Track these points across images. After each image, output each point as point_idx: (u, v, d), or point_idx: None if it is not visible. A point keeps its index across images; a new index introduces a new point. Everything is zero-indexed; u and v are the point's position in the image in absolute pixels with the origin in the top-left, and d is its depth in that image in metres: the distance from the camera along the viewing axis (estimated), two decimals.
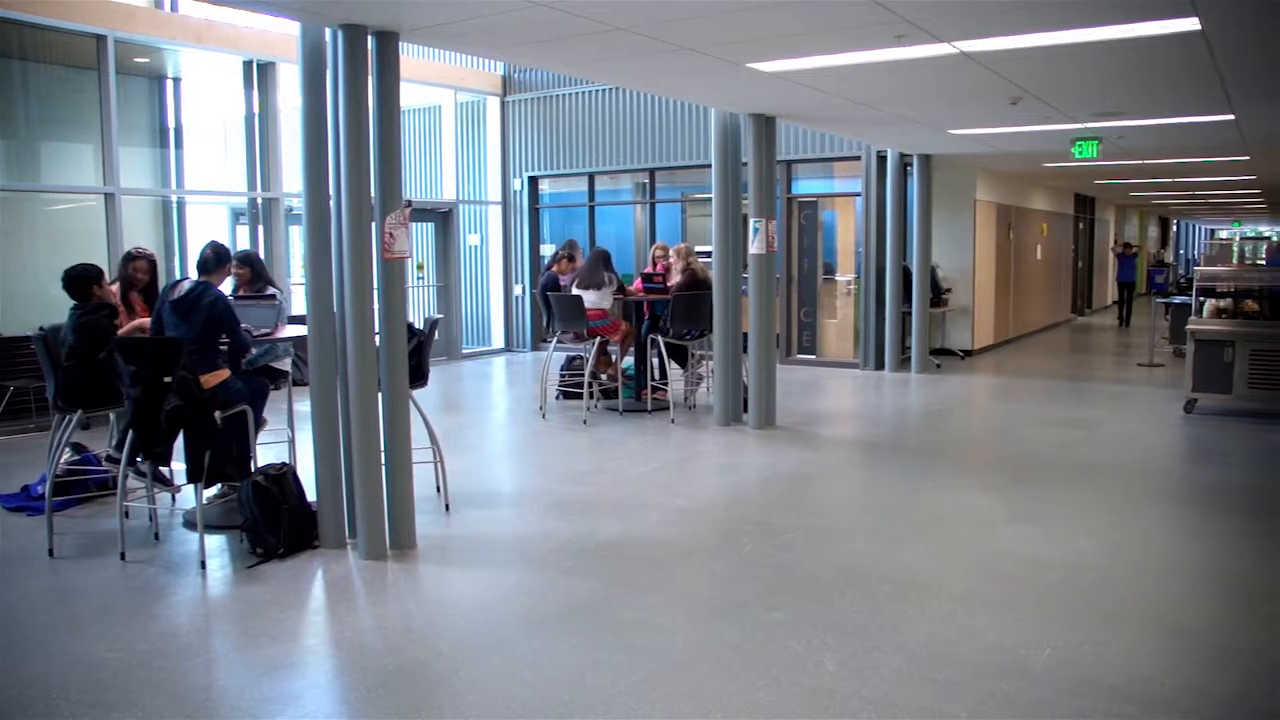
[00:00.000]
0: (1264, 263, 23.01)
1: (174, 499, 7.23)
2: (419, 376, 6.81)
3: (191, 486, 6.20)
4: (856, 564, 5.81)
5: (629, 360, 11.08)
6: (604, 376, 10.99)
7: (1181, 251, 42.24)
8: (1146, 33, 6.17)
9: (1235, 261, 21.46)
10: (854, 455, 9.09)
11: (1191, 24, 5.93)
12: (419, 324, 7.41)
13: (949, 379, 13.42)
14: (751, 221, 9.83)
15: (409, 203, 14.37)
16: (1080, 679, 4.26)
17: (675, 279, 10.80)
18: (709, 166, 10.19)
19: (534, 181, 17.07)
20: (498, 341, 17.30)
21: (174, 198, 12.69)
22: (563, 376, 11.57)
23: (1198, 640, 4.78)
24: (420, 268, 16.03)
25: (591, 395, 10.69)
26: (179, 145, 12.78)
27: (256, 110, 12.72)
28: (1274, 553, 6.08)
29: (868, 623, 4.89)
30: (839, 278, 15.22)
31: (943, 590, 5.38)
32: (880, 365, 14.18)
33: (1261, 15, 5.86)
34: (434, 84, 15.72)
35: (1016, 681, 4.22)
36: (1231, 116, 9.74)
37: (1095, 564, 5.83)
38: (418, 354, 6.74)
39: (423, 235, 16.14)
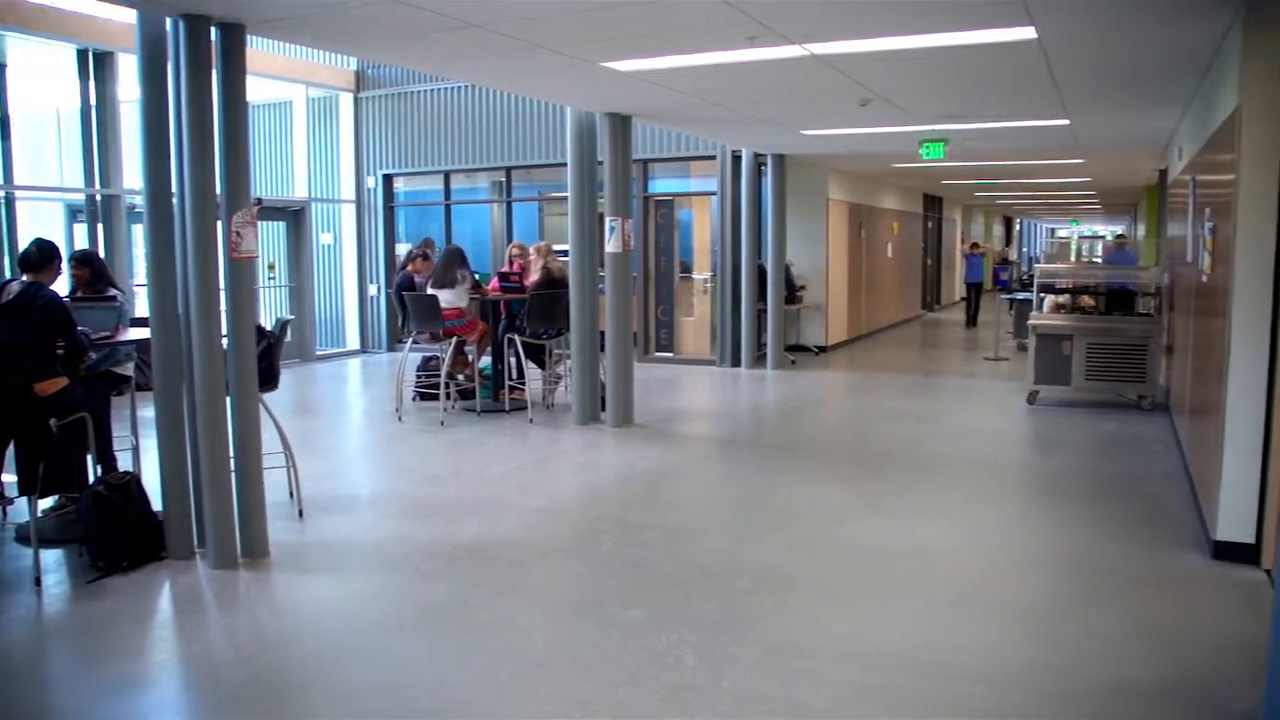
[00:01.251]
0: (1100, 261, 24.06)
1: (4, 512, 6.86)
2: (269, 379, 6.62)
3: (25, 499, 5.89)
4: (714, 560, 5.88)
5: (486, 360, 10.98)
6: (461, 377, 10.86)
7: (1025, 249, 43.90)
8: (986, 40, 6.39)
9: (1073, 259, 22.40)
10: (711, 452, 9.19)
11: (1028, 33, 6.17)
12: (269, 325, 7.21)
13: (804, 375, 13.69)
14: (608, 220, 9.85)
15: (258, 201, 13.99)
16: (932, 663, 4.40)
17: (534, 277, 10.75)
18: (566, 165, 10.16)
19: (389, 180, 16.79)
20: (353, 343, 16.95)
21: (0, 193, 12.05)
22: (419, 377, 11.41)
23: (1040, 620, 5.01)
24: (271, 268, 15.60)
25: (449, 396, 10.57)
26: (5, 137, 12.13)
27: (94, 102, 12.17)
28: (1109, 534, 6.36)
29: (726, 617, 4.94)
30: (696, 276, 15.37)
31: (799, 583, 5.48)
32: (737, 362, 14.37)
33: (1092, 26, 6.13)
34: (284, 79, 15.30)
35: (871, 669, 4.33)
36: (1067, 121, 10.17)
37: (945, 552, 6.02)
38: (268, 356, 6.55)
39: (273, 234, 15.70)
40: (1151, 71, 7.61)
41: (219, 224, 5.75)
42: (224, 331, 5.82)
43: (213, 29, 5.68)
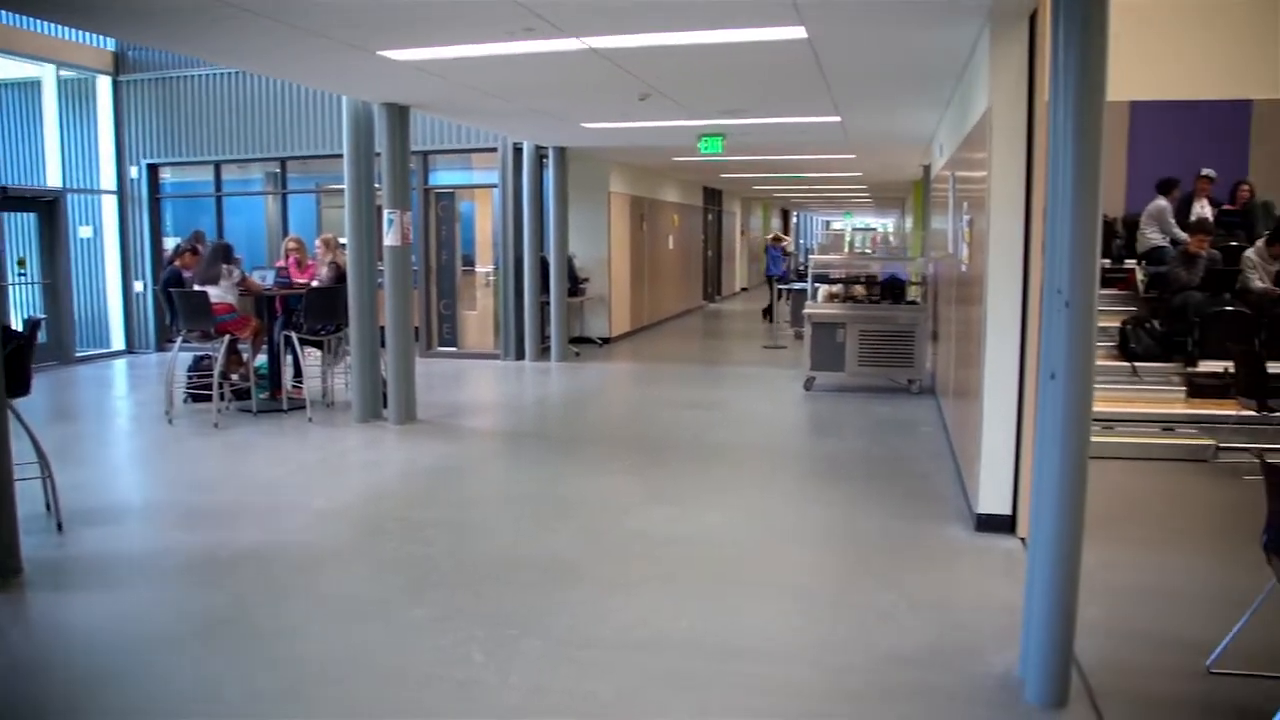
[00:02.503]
0: (871, 252, 25.07)
1: None
2: (20, 384, 6.15)
3: None
4: (501, 554, 5.83)
5: (262, 358, 10.56)
6: (235, 376, 10.40)
7: (802, 241, 45.43)
8: (759, 38, 6.54)
9: (847, 251, 23.28)
10: (496, 446, 9.12)
11: (798, 32, 6.35)
12: (18, 326, 6.70)
13: (588, 367, 13.76)
14: (386, 213, 9.62)
15: (2, 189, 13.04)
16: (717, 645, 4.49)
17: (322, 271, 10.43)
18: (342, 156, 9.85)
19: (154, 169, 15.89)
20: (118, 342, 15.97)
21: None
22: (190, 378, 10.86)
23: (820, 597, 5.18)
24: (21, 263, 14.51)
25: (223, 397, 10.09)
26: None
27: None
28: (882, 512, 6.64)
29: (513, 611, 4.90)
30: (478, 269, 15.21)
31: (585, 573, 5.49)
32: (521, 355, 14.31)
33: (858, 29, 6.37)
34: (29, 57, 14.22)
35: (659, 654, 4.38)
36: (838, 118, 10.55)
37: (728, 536, 6.16)
38: (18, 359, 6.09)
39: (23, 226, 14.60)
40: (914, 73, 7.98)
41: None
42: None
43: None
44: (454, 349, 14.85)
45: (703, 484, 7.45)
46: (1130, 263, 11.03)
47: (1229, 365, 8.78)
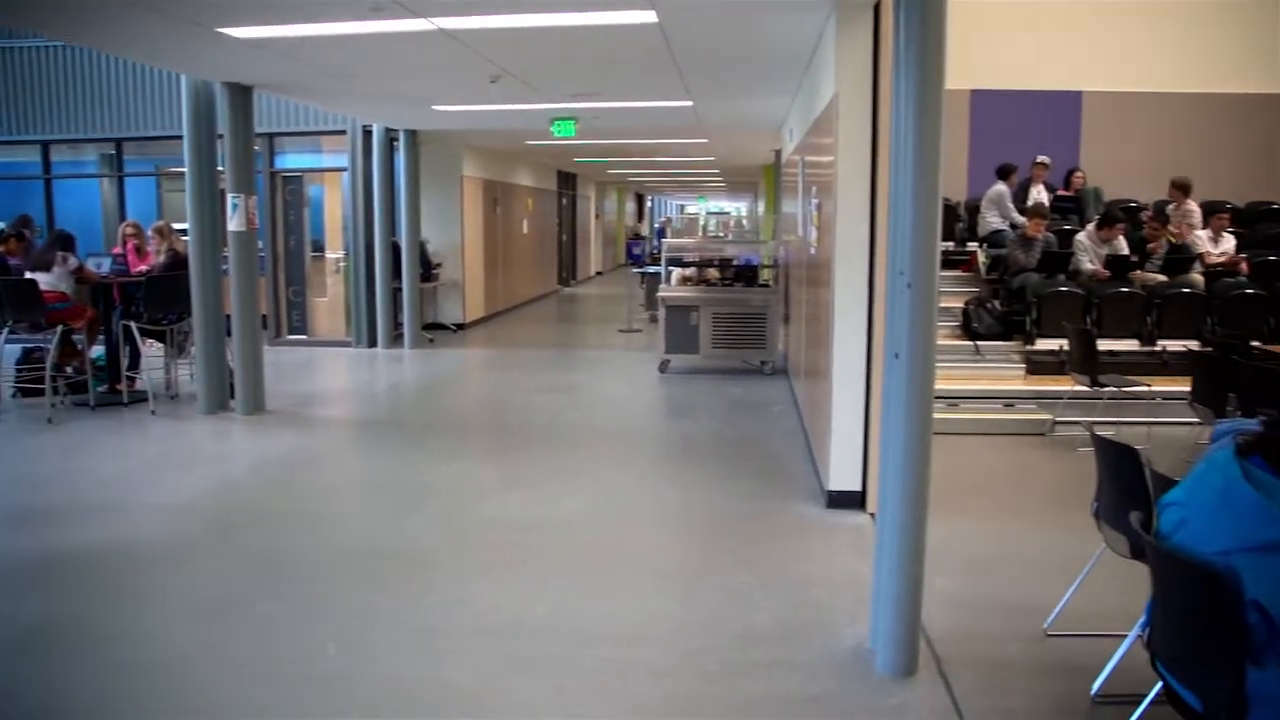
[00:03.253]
0: (724, 236, 25.39)
1: None
2: None
3: None
4: (355, 544, 5.72)
5: (99, 349, 10.11)
6: (70, 369, 9.94)
7: (656, 225, 45.70)
8: (610, 21, 6.53)
9: (701, 235, 23.53)
10: (348, 435, 8.95)
11: (649, 16, 6.37)
12: None
13: (442, 353, 13.60)
14: (230, 197, 9.30)
15: None
16: (575, 629, 4.50)
17: (159, 259, 10.03)
18: (183, 138, 9.47)
19: None
20: None
21: None
22: (19, 371, 10.31)
23: (677, 578, 5.26)
24: None
25: (56, 391, 9.62)
26: None
27: None
28: (737, 492, 6.75)
29: (368, 602, 4.82)
30: (329, 255, 14.87)
31: (441, 561, 5.44)
32: (373, 342, 14.04)
33: (709, 12, 6.42)
34: None
35: (515, 640, 4.37)
36: (690, 103, 10.63)
37: (585, 520, 6.17)
38: None
39: None
40: (764, 59, 8.09)
41: None
42: None
43: None
44: (304, 337, 14.49)
45: (559, 468, 7.44)
46: (972, 245, 11.44)
47: (1064, 343, 9.20)
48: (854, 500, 6.22)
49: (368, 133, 13.70)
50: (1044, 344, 9.63)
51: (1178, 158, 11.79)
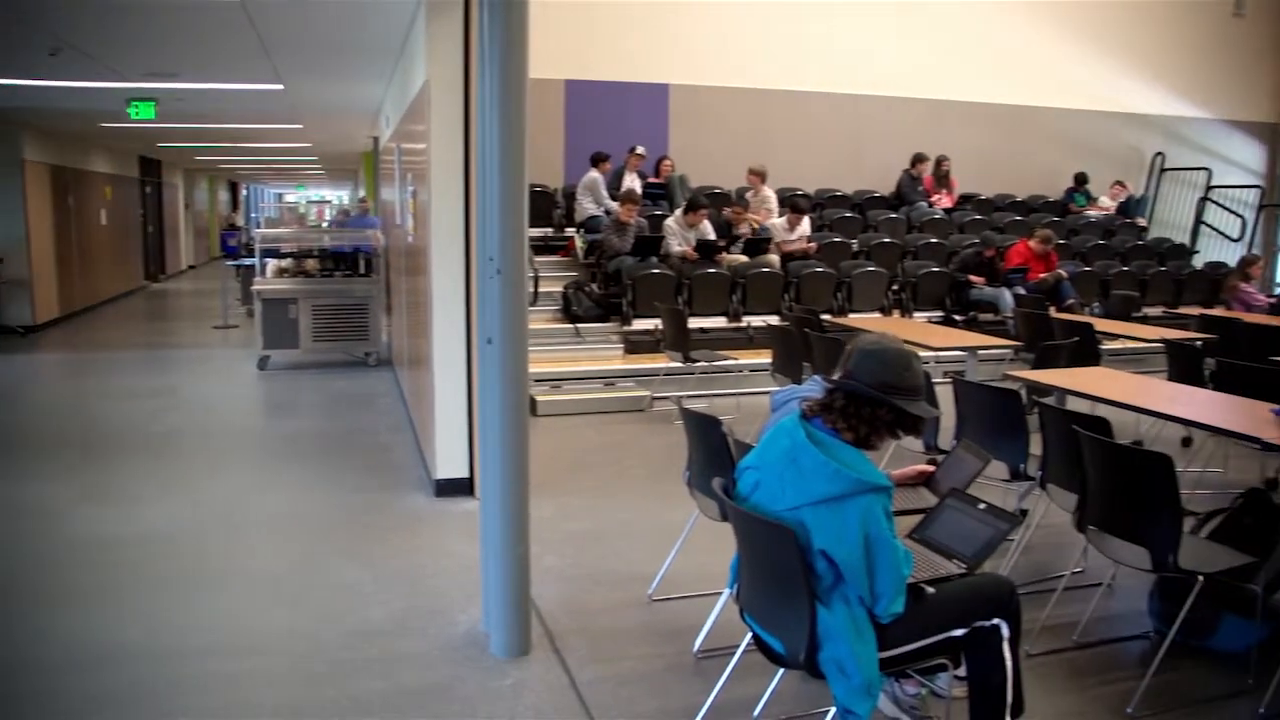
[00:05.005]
0: (322, 225, 24.67)
1: None
2: None
3: None
4: None
5: None
6: None
7: (254, 215, 43.60)
8: None
9: (300, 224, 22.71)
10: None
11: None
12: None
13: (9, 360, 12.28)
14: None
15: None
16: (179, 648, 4.23)
17: None
18: None
19: None
20: None
21: None
22: None
23: (286, 582, 5.05)
24: None
25: None
26: None
27: None
28: (345, 488, 6.60)
29: None
30: None
31: (16, 592, 4.92)
32: None
33: None
34: None
35: (111, 669, 4.05)
36: (281, 86, 10.19)
37: (183, 532, 5.78)
38: None
39: None
40: (355, 43, 7.88)
41: None
42: None
43: None
44: None
45: (152, 479, 6.92)
46: (570, 231, 11.77)
47: (658, 323, 9.68)
48: (463, 487, 6.24)
49: None
50: (640, 324, 10.09)
51: (757, 148, 12.74)
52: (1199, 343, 7.99)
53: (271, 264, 11.34)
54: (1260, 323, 9.14)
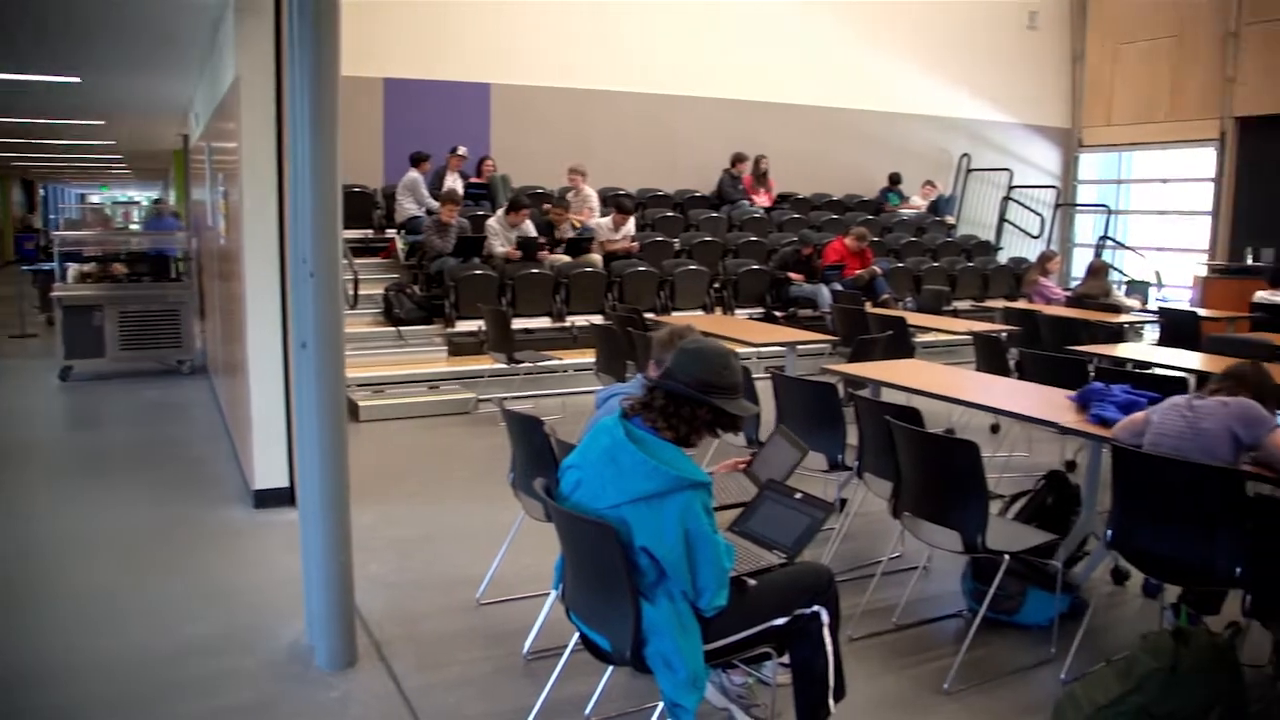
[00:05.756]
0: (127, 226, 23.64)
1: None
2: None
3: None
4: None
5: None
6: None
7: (53, 217, 41.38)
8: None
9: (106, 226, 21.67)
10: None
11: None
12: None
13: None
14: None
15: None
16: None
17: None
18: None
19: None
20: None
21: None
22: None
23: (103, 602, 4.80)
24: None
25: None
26: None
27: None
28: (159, 502, 6.32)
29: None
30: None
31: None
32: None
33: None
34: None
35: None
36: (78, 79, 9.66)
37: None
38: None
39: None
40: (159, 34, 7.54)
41: None
42: None
43: None
44: None
45: None
46: (391, 232, 11.57)
47: (482, 324, 9.62)
48: (283, 497, 6.04)
49: None
50: (464, 325, 10.01)
51: (578, 148, 12.78)
52: (1003, 334, 8.42)
53: (73, 268, 10.76)
54: (1058, 314, 9.64)
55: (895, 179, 15.59)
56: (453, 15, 12.45)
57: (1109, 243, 16.03)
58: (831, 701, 3.16)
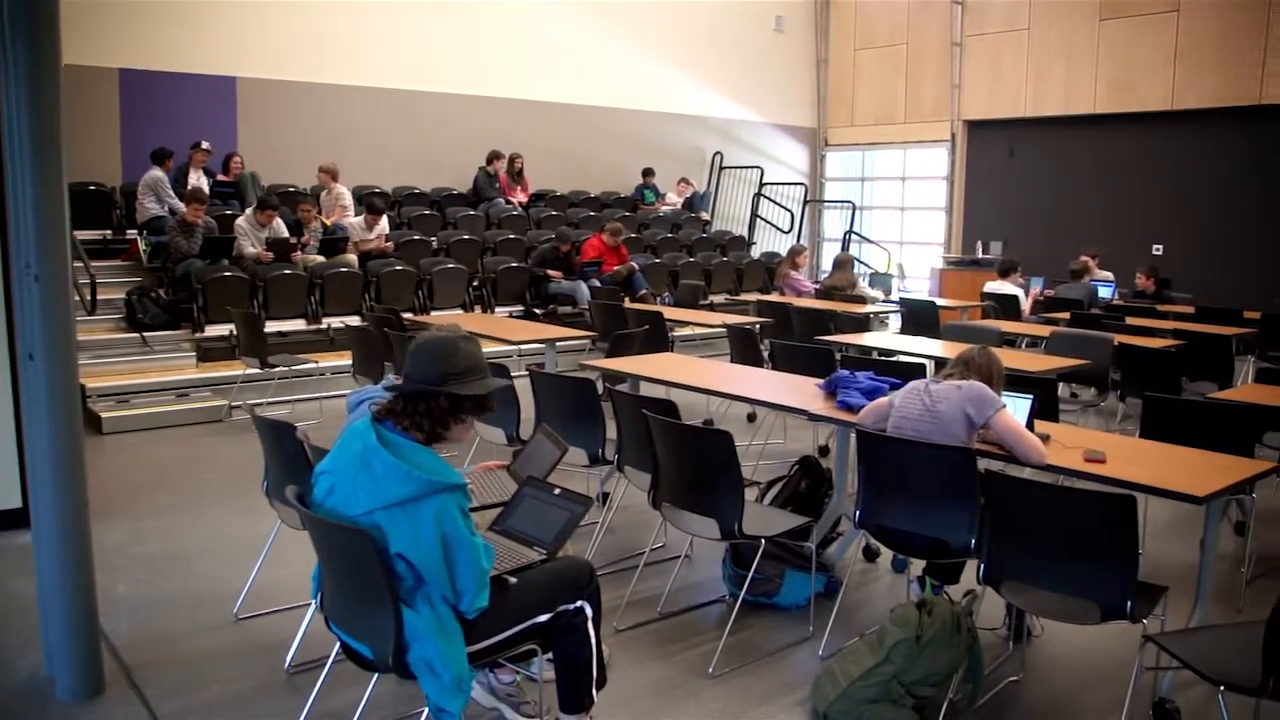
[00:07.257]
0: None
1: None
2: None
3: None
4: None
5: None
6: None
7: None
8: None
9: None
10: None
11: None
12: None
13: None
14: None
15: None
16: None
17: None
18: None
19: None
20: None
21: None
22: None
23: None
24: None
25: None
26: None
27: None
28: None
29: None
30: None
31: None
32: None
33: None
34: None
35: None
36: None
37: None
38: None
39: None
40: None
41: None
42: None
43: None
44: None
45: None
46: (132, 233, 10.95)
47: (233, 328, 9.25)
48: (17, 519, 5.58)
49: None
50: (214, 330, 9.57)
51: (330, 145, 12.42)
52: (757, 326, 8.73)
53: None
54: (808, 306, 10.06)
55: (648, 173, 15.84)
56: (195, 4, 11.88)
57: (854, 237, 16.89)
58: (594, 690, 3.22)
